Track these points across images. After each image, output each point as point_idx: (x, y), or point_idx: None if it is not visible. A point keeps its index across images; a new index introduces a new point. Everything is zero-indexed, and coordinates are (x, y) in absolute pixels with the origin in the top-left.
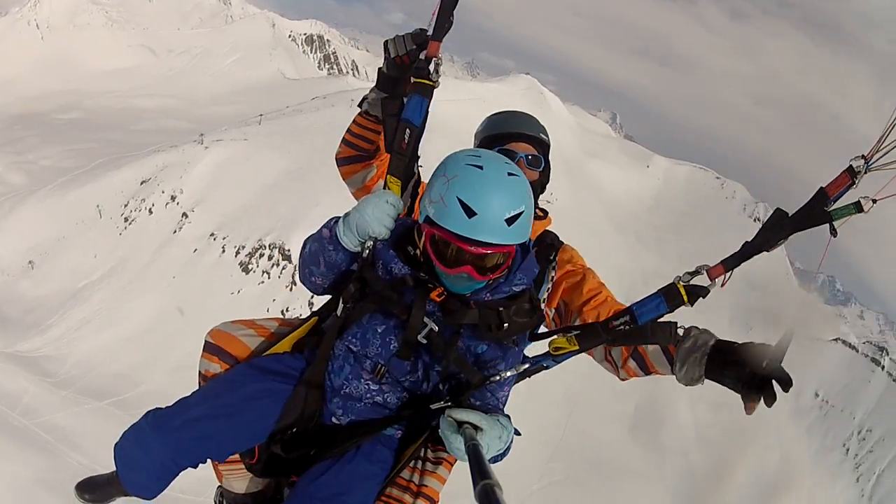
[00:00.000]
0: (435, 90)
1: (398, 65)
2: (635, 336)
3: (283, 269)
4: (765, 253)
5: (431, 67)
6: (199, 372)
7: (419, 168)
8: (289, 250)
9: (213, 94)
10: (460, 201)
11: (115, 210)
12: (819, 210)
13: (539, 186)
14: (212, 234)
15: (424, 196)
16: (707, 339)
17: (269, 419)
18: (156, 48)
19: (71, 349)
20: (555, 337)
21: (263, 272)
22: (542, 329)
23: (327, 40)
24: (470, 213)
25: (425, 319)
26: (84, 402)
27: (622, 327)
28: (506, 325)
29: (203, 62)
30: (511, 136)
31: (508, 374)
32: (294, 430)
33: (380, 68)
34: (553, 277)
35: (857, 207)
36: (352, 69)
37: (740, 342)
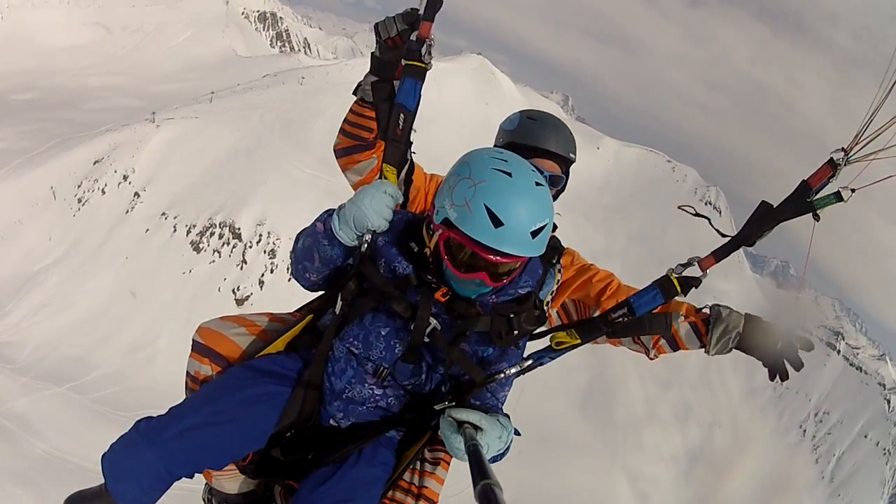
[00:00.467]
0: (427, 72)
1: (390, 47)
2: (634, 327)
3: (234, 247)
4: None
5: (423, 49)
6: (188, 373)
7: (412, 154)
8: (239, 228)
9: (165, 71)
10: (487, 209)
11: (69, 191)
12: (802, 201)
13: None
14: (163, 214)
15: (442, 195)
16: (736, 323)
17: (267, 424)
18: (110, 25)
19: (29, 334)
20: (555, 332)
21: (214, 251)
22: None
23: (280, 17)
24: (497, 222)
25: (430, 319)
26: (44, 387)
27: (621, 319)
28: (515, 332)
29: (156, 39)
30: (537, 152)
31: (512, 371)
32: (291, 432)
33: (372, 53)
34: (559, 280)
35: (838, 197)
36: (304, 47)
37: (762, 322)
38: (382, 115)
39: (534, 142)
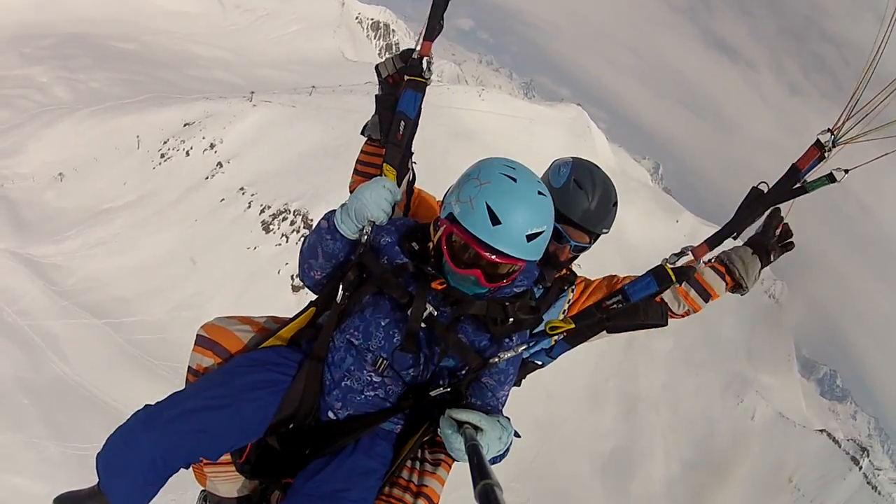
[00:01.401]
0: (427, 87)
1: (391, 85)
2: (628, 314)
3: (303, 236)
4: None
5: (424, 65)
6: (190, 367)
7: (413, 165)
8: (311, 219)
9: (270, 57)
10: (488, 207)
11: (154, 145)
12: (793, 184)
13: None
14: (241, 189)
15: (451, 194)
16: (742, 251)
17: (266, 411)
18: (224, 1)
19: (81, 264)
20: (550, 319)
21: (282, 235)
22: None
23: (393, 30)
24: (495, 220)
25: (426, 304)
26: (82, 315)
27: (616, 306)
28: (510, 319)
29: (266, 24)
30: (572, 223)
31: (507, 356)
32: (291, 425)
33: (376, 94)
34: (570, 300)
35: (830, 178)
36: None
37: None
38: (385, 121)
39: (572, 214)
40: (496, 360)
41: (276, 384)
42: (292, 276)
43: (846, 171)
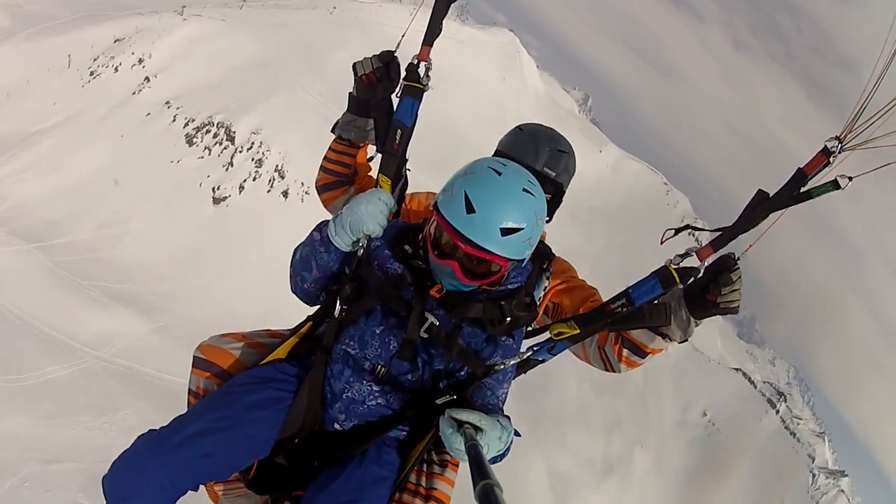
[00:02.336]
0: (425, 93)
1: (366, 84)
2: (633, 318)
3: (225, 148)
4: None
5: (422, 71)
6: (190, 389)
7: (407, 171)
8: (234, 132)
9: None
10: (465, 196)
11: (84, 63)
12: (798, 189)
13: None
14: (167, 103)
15: (442, 187)
16: (674, 291)
17: (272, 430)
18: None
19: (12, 191)
20: (555, 324)
21: (205, 148)
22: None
23: None
24: (469, 209)
25: (426, 314)
26: (13, 242)
27: (620, 309)
28: (508, 318)
29: None
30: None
31: (511, 362)
32: (296, 440)
33: (350, 93)
34: (546, 287)
35: (835, 185)
36: None
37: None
38: (381, 129)
39: (513, 152)
40: (500, 366)
41: (279, 401)
42: (213, 189)
43: (850, 179)
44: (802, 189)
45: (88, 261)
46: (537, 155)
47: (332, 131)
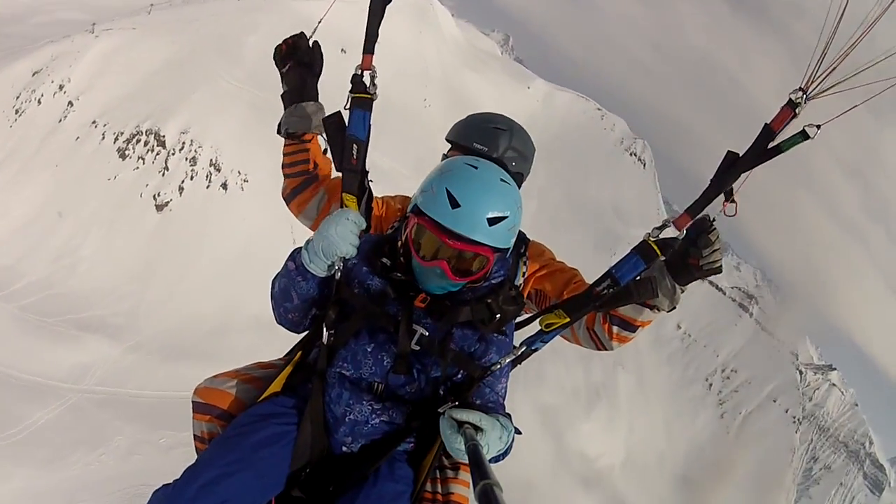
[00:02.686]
0: (374, 102)
1: (289, 72)
2: (621, 297)
3: (157, 154)
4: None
5: (367, 81)
6: (195, 435)
7: (369, 183)
8: (163, 136)
9: None
10: (448, 192)
11: (8, 102)
12: (767, 145)
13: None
14: (93, 122)
15: (417, 189)
16: (658, 273)
17: (282, 465)
18: None
19: None
20: (543, 315)
21: (139, 158)
22: (524, 316)
23: None
24: (454, 204)
25: (414, 326)
26: None
27: (606, 291)
28: (497, 315)
29: None
30: (471, 153)
31: (507, 360)
32: (308, 470)
33: (281, 94)
34: (524, 273)
35: (804, 136)
36: None
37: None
38: (336, 146)
39: (467, 140)
40: (497, 366)
41: (284, 436)
42: (154, 196)
43: (818, 127)
44: (771, 144)
45: (49, 298)
46: (497, 141)
47: (278, 133)
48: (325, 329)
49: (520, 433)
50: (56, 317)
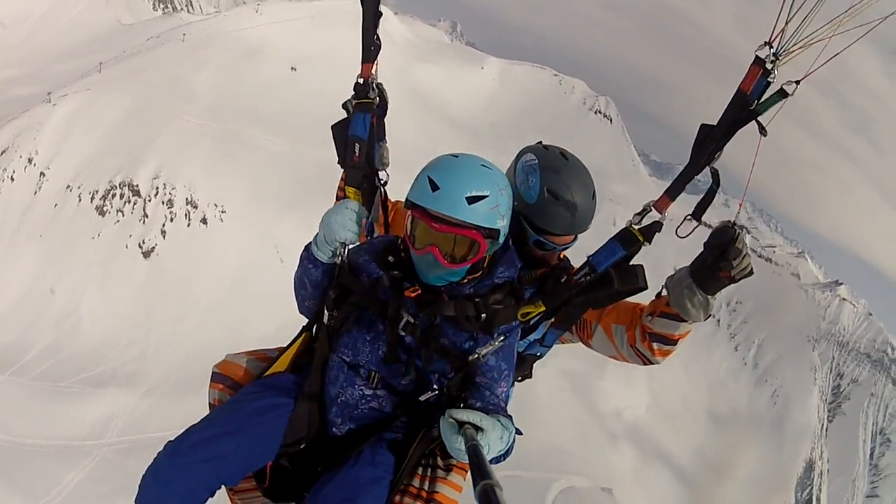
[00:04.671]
0: (376, 106)
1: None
2: (601, 285)
3: (135, 204)
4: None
5: (368, 87)
6: (209, 403)
7: (381, 183)
8: (137, 185)
9: (57, 53)
10: (429, 178)
11: None
12: (742, 109)
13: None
14: (68, 187)
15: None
16: (681, 274)
17: (276, 433)
18: (3, 19)
19: None
20: (523, 307)
21: (118, 211)
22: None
23: None
24: (434, 187)
25: (401, 311)
26: None
27: (583, 279)
28: (483, 315)
29: (47, 22)
30: (557, 234)
31: (485, 351)
32: (302, 446)
33: (332, 126)
34: None
35: (782, 94)
36: (186, 5)
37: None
38: (340, 145)
39: (554, 228)
40: (475, 356)
41: (282, 407)
42: (139, 245)
43: (797, 83)
44: (747, 108)
45: (59, 362)
46: (588, 218)
47: (339, 164)
48: (325, 310)
49: (520, 434)
50: (69, 378)
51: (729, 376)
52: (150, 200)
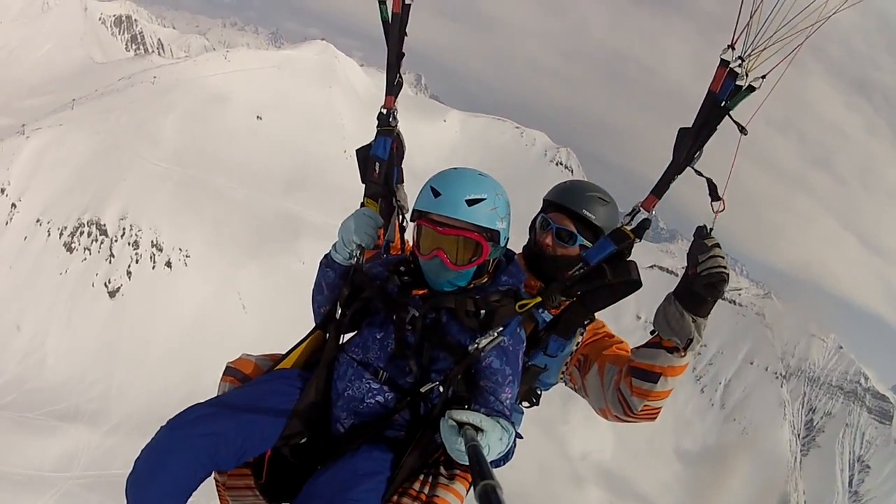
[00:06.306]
0: (396, 132)
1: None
2: (594, 278)
3: (102, 243)
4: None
5: (390, 117)
6: (218, 395)
7: (398, 204)
8: (104, 225)
9: (30, 86)
10: (431, 188)
11: None
12: (714, 109)
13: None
14: (38, 220)
15: None
16: (664, 306)
17: (277, 420)
18: None
19: None
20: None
21: (85, 249)
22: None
23: (135, 20)
24: (436, 194)
25: (408, 307)
26: None
27: (577, 273)
28: (482, 311)
29: (20, 55)
30: (554, 206)
31: (483, 342)
32: (304, 440)
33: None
34: (579, 342)
35: (750, 89)
36: (157, 48)
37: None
38: (361, 163)
39: (552, 198)
40: (474, 346)
41: (287, 395)
42: (105, 284)
43: (763, 77)
44: (718, 106)
45: (25, 394)
46: (578, 199)
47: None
48: (338, 306)
49: (521, 437)
50: (35, 410)
51: (696, 416)
52: (116, 241)
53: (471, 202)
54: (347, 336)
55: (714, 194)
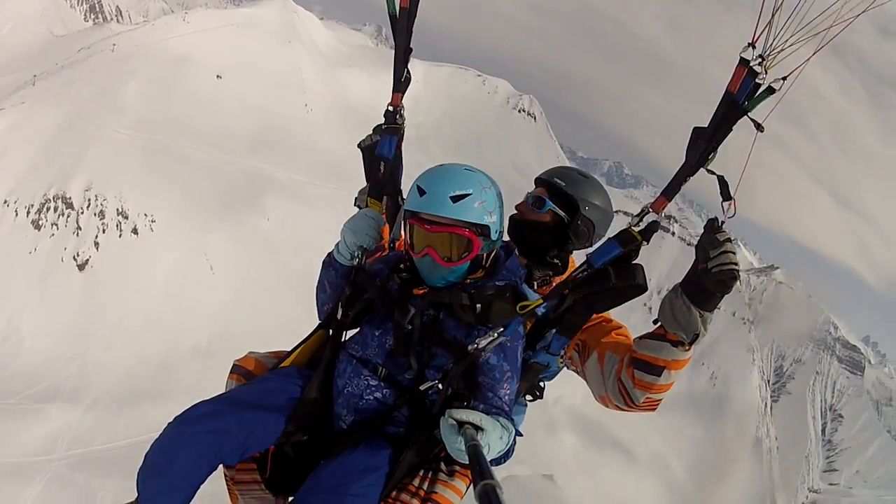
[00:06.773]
0: (402, 131)
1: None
2: (598, 280)
3: (69, 217)
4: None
5: (396, 115)
6: (223, 393)
7: (404, 203)
8: (70, 198)
9: None
10: (417, 187)
11: None
12: (732, 109)
13: (551, 230)
14: (5, 202)
15: None
16: (670, 297)
17: (281, 415)
18: None
19: None
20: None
21: (52, 224)
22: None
23: None
24: (422, 192)
25: (408, 305)
26: None
27: (581, 274)
28: (478, 304)
29: None
30: (535, 182)
31: (484, 342)
32: (306, 437)
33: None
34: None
35: (770, 90)
36: (116, 15)
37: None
38: (366, 164)
39: (546, 176)
40: (474, 345)
41: (290, 392)
42: (74, 258)
43: (784, 79)
44: (736, 107)
45: (4, 379)
46: (551, 171)
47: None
48: (340, 305)
49: (520, 435)
50: (16, 395)
51: None
52: (82, 213)
53: (455, 198)
54: (350, 334)
55: (725, 193)
